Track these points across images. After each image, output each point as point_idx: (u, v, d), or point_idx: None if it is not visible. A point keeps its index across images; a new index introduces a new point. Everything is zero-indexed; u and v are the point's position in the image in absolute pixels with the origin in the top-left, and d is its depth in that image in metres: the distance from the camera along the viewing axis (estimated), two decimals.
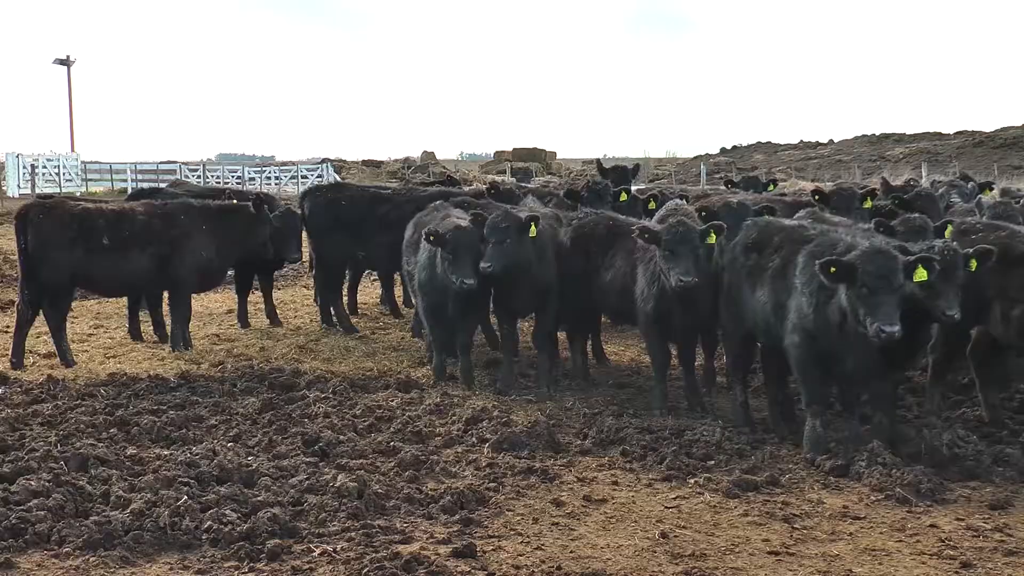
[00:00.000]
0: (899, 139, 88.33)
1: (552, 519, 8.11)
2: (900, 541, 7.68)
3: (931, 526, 7.96)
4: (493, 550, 7.46)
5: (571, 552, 7.44)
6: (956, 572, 7.12)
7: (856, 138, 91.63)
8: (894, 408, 10.21)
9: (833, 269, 9.07)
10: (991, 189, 18.58)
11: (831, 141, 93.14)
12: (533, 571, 7.11)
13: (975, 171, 60.10)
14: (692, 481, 8.93)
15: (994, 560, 7.32)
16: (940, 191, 16.30)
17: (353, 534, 7.66)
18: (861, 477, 8.89)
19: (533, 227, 11.93)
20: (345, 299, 17.01)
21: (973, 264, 9.69)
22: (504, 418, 10.62)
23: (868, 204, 14.05)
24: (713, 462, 9.38)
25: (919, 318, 9.53)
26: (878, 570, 7.14)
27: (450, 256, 11.68)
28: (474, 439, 10.07)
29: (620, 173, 17.33)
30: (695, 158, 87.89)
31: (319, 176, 63.35)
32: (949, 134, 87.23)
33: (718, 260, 10.95)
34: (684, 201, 15.00)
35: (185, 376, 12.62)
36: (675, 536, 7.72)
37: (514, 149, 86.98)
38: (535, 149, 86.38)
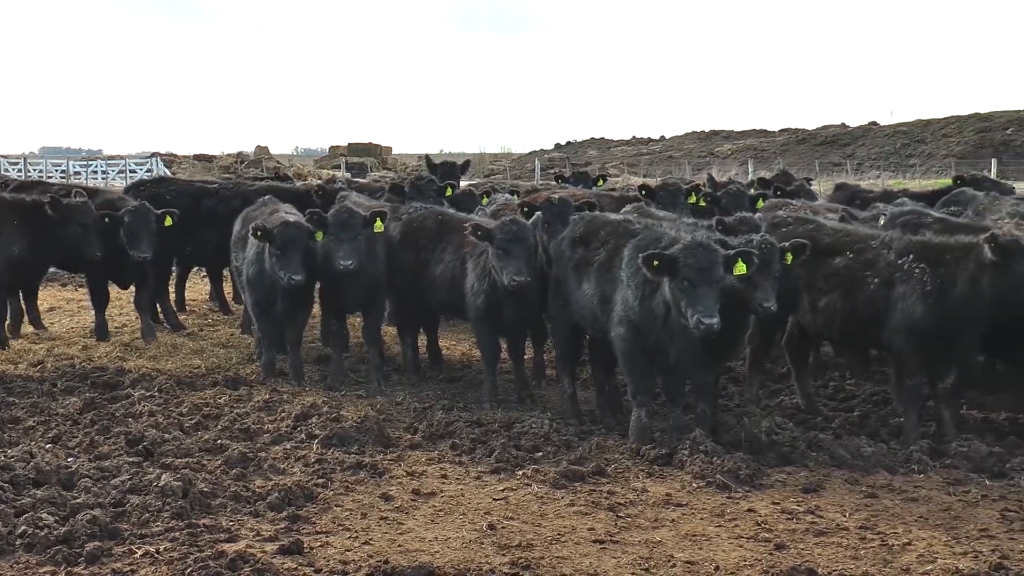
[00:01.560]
0: (727, 136, 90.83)
1: (381, 513, 8.12)
2: (720, 526, 7.92)
3: (749, 510, 8.24)
4: (320, 546, 7.43)
5: (399, 546, 7.46)
6: (770, 553, 7.36)
7: (686, 135, 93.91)
8: (716, 398, 10.53)
9: (656, 263, 9.29)
10: (809, 184, 19.26)
11: (662, 137, 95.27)
12: (360, 566, 7.10)
13: (798, 167, 62.31)
14: (520, 473, 9.04)
15: (806, 541, 7.62)
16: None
17: (177, 534, 7.53)
18: (684, 465, 9.13)
19: (379, 222, 11.93)
20: (172, 296, 16.63)
21: (789, 257, 10.04)
22: (334, 414, 10.57)
23: (692, 199, 14.43)
24: (541, 454, 9.51)
25: (739, 310, 9.85)
26: (698, 554, 7.35)
27: (278, 252, 11.56)
28: (303, 435, 10.00)
29: (448, 168, 17.42)
30: (530, 154, 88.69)
31: (148, 171, 61.69)
32: (774, 131, 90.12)
33: (543, 255, 11.11)
34: (515, 196, 15.16)
35: (0, 377, 12.17)
36: (502, 527, 7.82)
37: (349, 144, 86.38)
38: (371, 144, 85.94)
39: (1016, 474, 9.07)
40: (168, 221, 13.58)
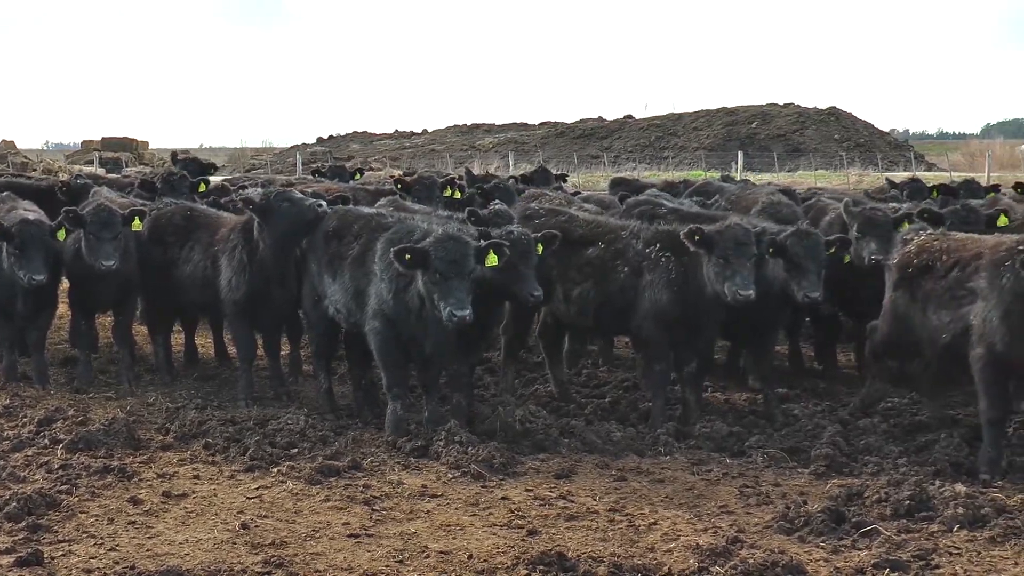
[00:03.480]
0: (489, 129, 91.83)
1: (129, 518, 7.87)
2: (474, 515, 8.02)
3: (503, 498, 8.37)
4: (63, 555, 7.15)
5: (147, 551, 7.25)
6: (523, 540, 7.50)
7: (449, 128, 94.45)
8: (471, 388, 10.65)
9: (408, 256, 9.32)
10: (564, 180, 19.72)
11: (425, 131, 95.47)
12: (106, 573, 6.87)
13: (557, 160, 63.71)
14: (275, 470, 8.92)
15: (557, 525, 7.80)
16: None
17: None
18: (440, 456, 9.21)
19: (138, 221, 11.56)
20: None
21: (539, 248, 10.25)
22: (80, 417, 10.20)
23: (448, 192, 14.55)
24: (296, 450, 9.41)
25: (492, 301, 10.00)
26: (452, 544, 7.42)
27: (17, 251, 11.04)
28: (47, 440, 9.59)
29: (197, 164, 17.09)
30: (292, 148, 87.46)
31: None
32: (534, 125, 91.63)
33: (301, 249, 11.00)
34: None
35: None
36: (256, 526, 7.70)
37: (103, 138, 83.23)
38: (126, 139, 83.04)
39: (753, 452, 9.53)
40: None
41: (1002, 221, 11.63)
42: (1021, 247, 8.75)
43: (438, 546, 7.37)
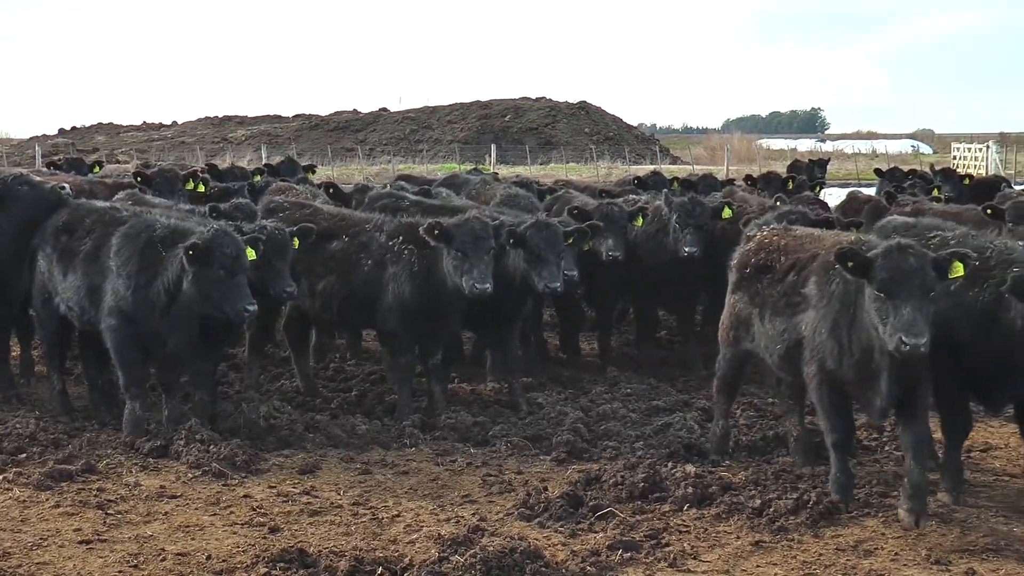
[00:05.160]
0: (241, 121, 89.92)
1: None
2: (215, 515, 7.87)
3: (245, 496, 8.24)
4: None
5: None
6: (264, 537, 7.41)
7: (199, 120, 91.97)
8: (215, 385, 10.42)
9: (191, 252, 9.01)
10: (312, 172, 19.54)
11: (175, 123, 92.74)
12: None
13: (312, 153, 63.00)
14: (1, 477, 8.50)
15: (300, 522, 7.74)
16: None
17: None
18: (180, 456, 8.98)
19: None
20: None
21: (296, 242, 10.13)
22: None
23: (191, 186, 14.19)
24: (25, 455, 8.99)
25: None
26: (191, 545, 7.25)
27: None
28: None
29: None
30: (31, 139, 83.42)
31: None
32: (288, 117, 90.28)
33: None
34: None
35: None
36: None
37: None
38: None
39: (497, 441, 9.69)
40: None
41: (726, 213, 12.16)
42: (846, 248, 7.60)
43: (175, 548, 7.19)
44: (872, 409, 7.79)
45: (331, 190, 14.63)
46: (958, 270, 7.44)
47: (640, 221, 12.36)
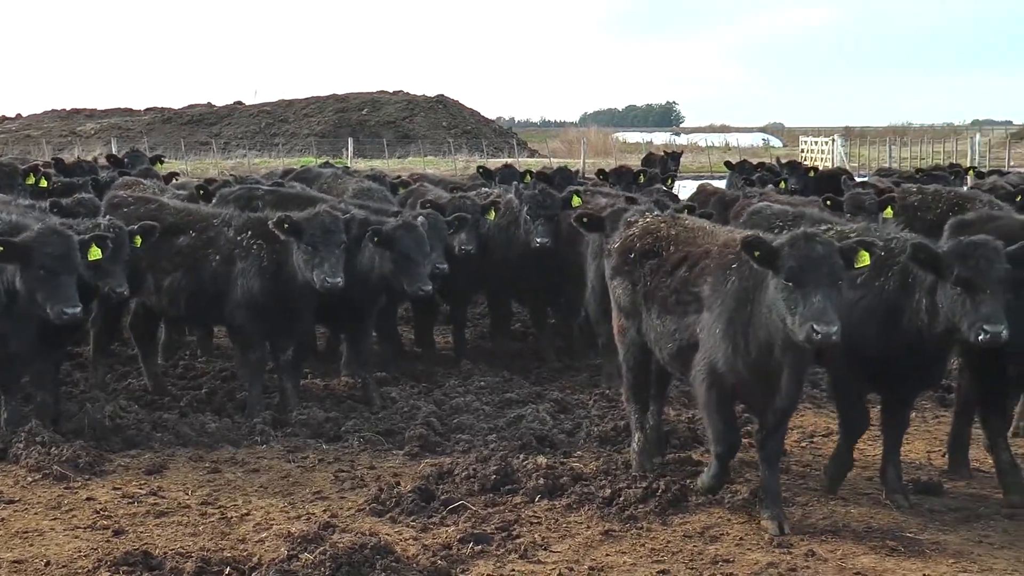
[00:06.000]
0: (91, 115, 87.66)
1: None
2: (56, 519, 7.65)
3: (88, 499, 8.03)
4: None
5: None
6: (108, 541, 7.22)
7: (46, 113, 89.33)
8: (57, 386, 10.12)
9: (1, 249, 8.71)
10: (160, 163, 19.15)
11: (19, 115, 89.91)
12: None
13: (165, 146, 61.63)
14: None
15: (146, 523, 7.57)
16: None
17: None
18: (19, 459, 8.71)
19: None
20: None
21: (138, 240, 9.90)
22: None
23: (31, 180, 13.80)
24: None
25: (89, 295, 9.52)
26: (28, 552, 7.03)
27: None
28: None
29: None
30: None
31: None
32: (140, 110, 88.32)
33: None
34: None
35: None
36: None
37: None
38: None
39: (350, 436, 9.62)
40: None
41: (576, 202, 12.29)
42: (752, 237, 7.33)
43: (12, 555, 6.97)
44: (765, 414, 7.54)
45: (202, 192, 14.08)
46: (864, 259, 7.34)
47: (492, 215, 12.42)
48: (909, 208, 12.87)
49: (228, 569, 6.67)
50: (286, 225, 9.88)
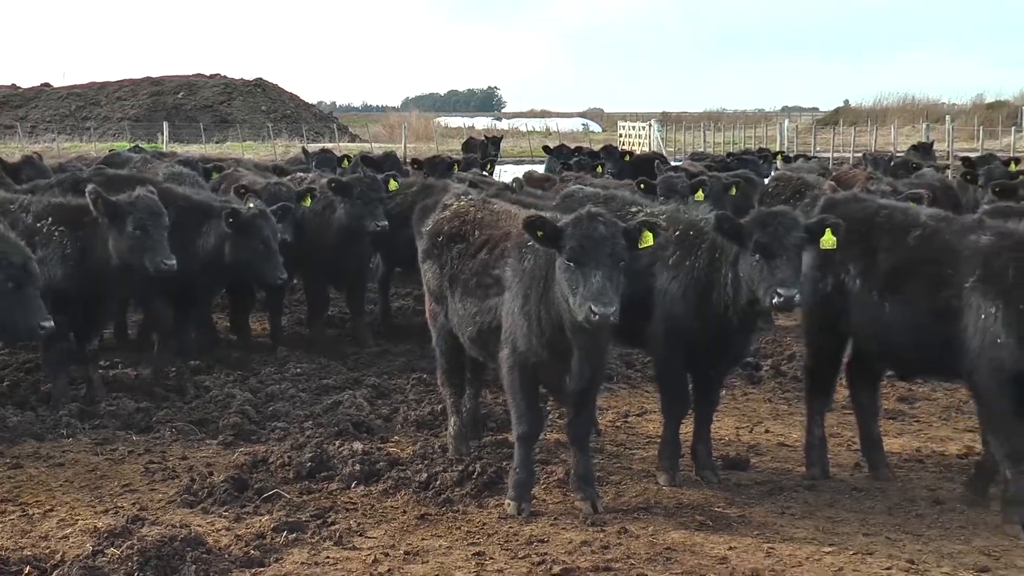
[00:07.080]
0: None
1: None
2: None
3: None
4: None
5: None
6: None
7: None
8: None
9: None
10: None
11: None
12: None
13: None
14: None
15: None
16: None
17: None
18: None
19: None
20: None
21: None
22: None
23: None
24: None
25: None
26: None
27: None
28: None
29: None
30: None
31: None
32: None
33: None
34: None
35: None
36: None
37: None
38: None
39: (161, 426, 9.38)
40: None
41: (392, 186, 12.29)
42: (535, 217, 7.29)
43: None
44: (563, 393, 7.59)
45: None
46: (648, 239, 7.30)
47: (308, 201, 12.27)
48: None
49: (28, 568, 6.43)
50: (109, 208, 9.57)
